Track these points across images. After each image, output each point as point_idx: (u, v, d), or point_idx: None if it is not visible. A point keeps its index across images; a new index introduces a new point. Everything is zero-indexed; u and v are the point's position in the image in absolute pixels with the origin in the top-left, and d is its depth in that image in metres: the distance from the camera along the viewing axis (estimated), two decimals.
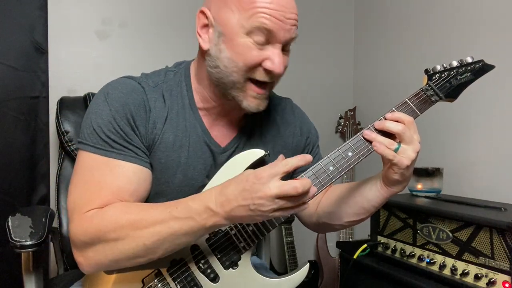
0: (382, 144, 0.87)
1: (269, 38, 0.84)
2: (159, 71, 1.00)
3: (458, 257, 1.25)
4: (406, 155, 0.87)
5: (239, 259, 0.91)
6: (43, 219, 1.10)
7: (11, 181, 1.55)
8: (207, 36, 0.90)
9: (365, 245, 1.52)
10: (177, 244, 0.82)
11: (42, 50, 1.62)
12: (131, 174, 0.87)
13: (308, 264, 0.97)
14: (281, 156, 0.81)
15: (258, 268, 0.95)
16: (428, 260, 1.33)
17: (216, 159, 0.97)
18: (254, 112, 0.92)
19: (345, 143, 0.90)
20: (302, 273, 0.96)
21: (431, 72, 0.96)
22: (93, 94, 1.48)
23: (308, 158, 0.79)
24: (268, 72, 0.87)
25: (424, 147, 0.94)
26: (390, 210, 1.48)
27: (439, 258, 1.30)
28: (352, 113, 2.20)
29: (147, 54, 1.84)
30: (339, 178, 0.91)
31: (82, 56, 1.74)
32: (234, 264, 0.91)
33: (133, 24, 1.83)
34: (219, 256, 0.90)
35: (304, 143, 1.09)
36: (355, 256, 1.52)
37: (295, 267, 2.09)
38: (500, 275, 1.14)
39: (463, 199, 1.50)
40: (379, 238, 1.52)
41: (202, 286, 0.90)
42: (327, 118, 2.29)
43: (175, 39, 1.88)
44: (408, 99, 0.93)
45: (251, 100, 0.89)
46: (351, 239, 2.05)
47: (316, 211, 1.07)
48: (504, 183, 1.55)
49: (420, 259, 1.35)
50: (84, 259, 0.83)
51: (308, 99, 1.77)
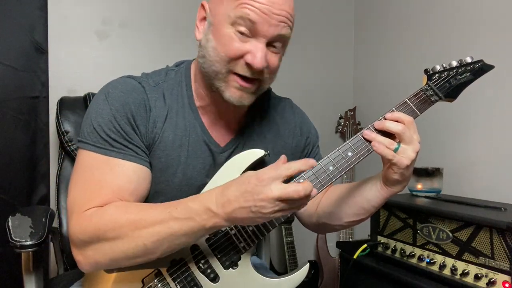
0: (382, 144, 0.87)
1: (253, 31, 0.84)
2: (159, 71, 1.00)
3: (458, 257, 1.25)
4: (405, 155, 0.87)
5: (239, 259, 0.91)
6: (43, 219, 1.10)
7: (11, 181, 1.55)
8: (202, 27, 0.92)
9: (365, 245, 1.52)
10: (176, 244, 0.82)
11: (42, 50, 1.62)
12: (131, 173, 0.87)
13: (308, 264, 0.97)
14: (283, 156, 0.80)
15: (258, 268, 0.95)
16: (428, 260, 1.33)
17: (216, 158, 0.97)
18: (237, 104, 0.90)
19: (345, 143, 0.90)
20: (302, 273, 0.96)
21: (431, 72, 0.96)
22: (93, 94, 1.48)
23: (311, 162, 0.79)
24: (249, 66, 0.85)
25: (424, 147, 0.94)
26: (390, 210, 1.48)
27: (439, 258, 1.30)
28: (352, 113, 2.20)
29: (147, 54, 1.84)
30: (339, 178, 0.91)
31: (82, 56, 1.74)
32: (234, 264, 0.91)
33: (133, 24, 1.83)
34: (219, 256, 0.90)
35: (304, 143, 1.09)
36: (355, 256, 1.52)
37: (295, 267, 2.09)
38: (500, 275, 1.14)
39: (463, 199, 1.50)
40: (379, 238, 1.52)
41: (202, 286, 0.90)
42: (327, 118, 2.29)
43: (175, 39, 1.88)
44: (408, 99, 0.93)
45: (233, 91, 0.88)
46: (351, 239, 2.05)
47: (316, 212, 1.07)
48: (504, 183, 1.55)
49: (420, 259, 1.35)
50: (83, 257, 0.83)
51: (308, 99, 1.77)
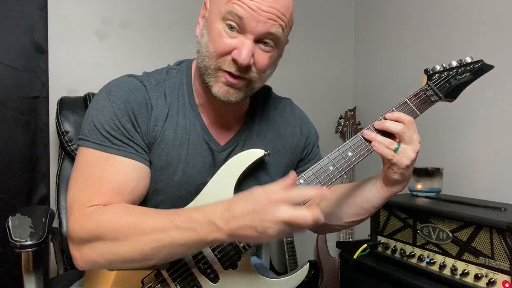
0: (382, 144, 0.87)
1: (241, 27, 0.84)
2: (161, 70, 1.01)
3: (458, 257, 1.25)
4: (405, 155, 0.87)
5: (239, 259, 0.91)
6: (43, 219, 1.10)
7: (11, 181, 1.55)
8: (201, 24, 0.93)
9: (365, 245, 1.52)
10: (174, 253, 0.80)
11: (42, 50, 1.62)
12: (131, 171, 0.87)
13: (308, 264, 0.97)
14: (292, 173, 0.78)
15: (258, 268, 0.95)
16: (428, 260, 1.32)
17: (215, 157, 0.97)
18: (224, 100, 0.89)
19: (345, 143, 0.90)
20: (302, 273, 0.96)
21: (431, 72, 0.96)
22: (93, 94, 1.48)
23: (325, 192, 0.75)
24: (235, 62, 0.85)
25: (424, 147, 0.94)
26: (390, 210, 1.48)
27: (439, 258, 1.30)
28: (352, 113, 2.20)
29: (147, 54, 1.84)
30: (339, 178, 0.91)
31: (82, 56, 1.74)
32: (234, 264, 0.91)
33: (133, 24, 1.83)
34: (219, 256, 0.90)
35: (304, 143, 1.09)
36: (355, 256, 1.52)
37: (295, 267, 2.09)
38: (500, 275, 1.14)
39: (463, 199, 1.50)
40: (379, 238, 1.52)
41: (202, 287, 0.90)
42: (327, 118, 2.29)
43: (175, 39, 1.88)
44: (408, 99, 0.93)
45: (221, 86, 0.88)
46: (351, 239, 2.05)
47: None
48: (504, 183, 1.55)
49: (420, 259, 1.35)
50: (80, 254, 0.82)
51: (308, 99, 1.76)
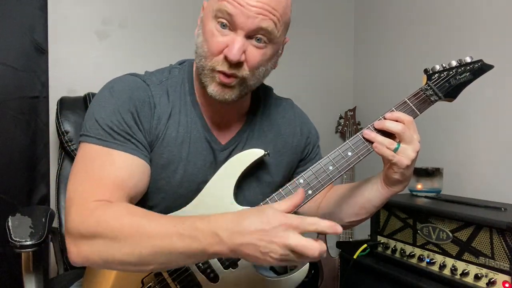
0: (382, 145, 0.87)
1: (232, 24, 0.84)
2: (163, 69, 1.01)
3: (458, 257, 1.25)
4: (405, 154, 0.87)
5: (239, 259, 0.91)
6: (43, 219, 1.10)
7: (11, 181, 1.55)
8: (198, 24, 0.93)
9: (365, 245, 1.52)
10: (171, 261, 0.76)
11: (42, 50, 1.62)
12: (133, 167, 0.86)
13: (308, 264, 0.97)
14: (301, 190, 0.76)
15: (258, 268, 0.95)
16: (428, 260, 1.32)
17: (216, 156, 0.97)
18: (219, 99, 0.89)
19: (344, 143, 0.90)
20: (302, 273, 0.96)
21: (431, 72, 0.97)
22: (93, 94, 1.48)
23: (339, 229, 0.73)
24: (226, 59, 0.85)
25: (424, 147, 0.94)
26: (390, 210, 1.48)
27: (439, 258, 1.30)
28: (352, 113, 2.19)
29: (147, 54, 1.84)
30: (339, 178, 0.91)
31: (82, 56, 1.74)
32: (234, 264, 0.91)
33: (133, 24, 1.83)
34: None
35: (305, 143, 1.09)
36: (355, 256, 1.51)
37: (295, 267, 2.08)
38: (500, 275, 1.14)
39: (463, 199, 1.50)
40: (379, 238, 1.52)
41: (202, 286, 0.90)
42: (327, 118, 2.29)
43: (175, 39, 1.88)
44: (408, 99, 0.93)
45: (215, 85, 0.88)
46: (351, 239, 2.05)
47: (317, 212, 1.07)
48: (504, 183, 1.55)
49: (420, 259, 1.35)
50: (76, 249, 0.78)
51: (308, 99, 1.77)
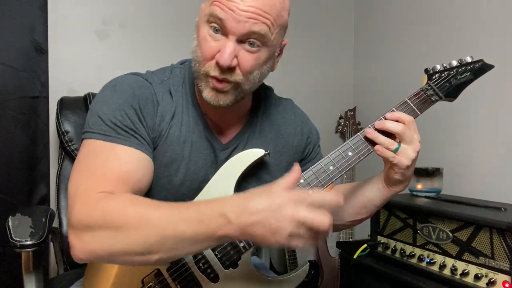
0: (383, 146, 0.88)
1: (223, 28, 0.84)
2: (164, 69, 1.01)
3: (458, 257, 1.25)
4: (406, 154, 0.87)
5: (239, 259, 0.91)
6: (43, 219, 1.10)
7: (11, 181, 1.55)
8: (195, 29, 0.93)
9: (365, 245, 1.52)
10: (178, 249, 0.75)
11: (42, 50, 1.62)
12: (137, 161, 0.85)
13: (308, 264, 0.97)
14: (296, 165, 0.74)
15: (258, 268, 0.95)
16: (428, 260, 1.32)
17: (217, 155, 0.97)
18: (214, 104, 0.89)
19: (345, 143, 0.90)
20: (302, 273, 0.96)
21: (431, 71, 0.97)
22: (93, 94, 1.48)
23: (341, 200, 0.71)
24: (218, 64, 0.84)
25: (424, 147, 0.94)
26: (390, 210, 1.48)
27: (439, 258, 1.30)
28: (352, 113, 2.19)
29: (147, 54, 1.84)
30: (339, 178, 0.91)
31: (82, 56, 1.74)
32: (234, 264, 0.91)
33: (133, 24, 1.83)
34: (219, 256, 0.90)
35: (305, 143, 1.09)
36: (355, 256, 1.51)
37: (295, 267, 2.09)
38: (500, 275, 1.14)
39: (463, 199, 1.50)
40: (379, 238, 1.52)
41: (202, 286, 0.90)
42: (327, 118, 2.29)
43: (175, 39, 1.87)
44: (408, 99, 0.93)
45: (209, 91, 0.88)
46: (351, 239, 2.05)
47: None
48: (504, 183, 1.55)
49: (420, 259, 1.35)
50: (80, 242, 0.76)
51: (308, 99, 1.77)
